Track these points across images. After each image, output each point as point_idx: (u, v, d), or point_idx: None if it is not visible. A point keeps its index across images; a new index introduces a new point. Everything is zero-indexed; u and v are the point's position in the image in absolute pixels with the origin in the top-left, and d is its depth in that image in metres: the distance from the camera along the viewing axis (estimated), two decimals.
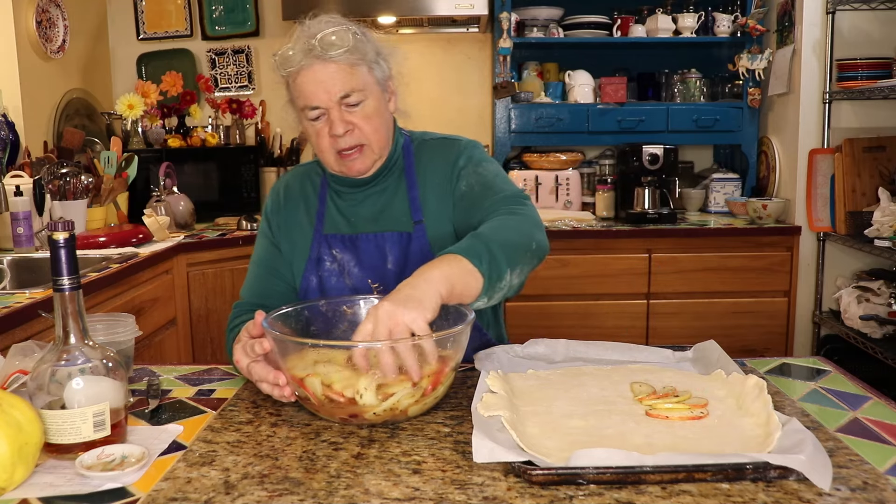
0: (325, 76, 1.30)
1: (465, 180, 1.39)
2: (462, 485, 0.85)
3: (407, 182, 1.43)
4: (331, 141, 1.35)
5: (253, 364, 1.13)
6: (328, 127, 1.33)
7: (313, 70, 1.30)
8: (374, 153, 1.38)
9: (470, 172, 1.40)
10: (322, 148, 1.37)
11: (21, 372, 1.12)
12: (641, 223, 3.05)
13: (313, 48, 1.29)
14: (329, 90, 1.31)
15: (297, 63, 1.30)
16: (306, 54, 1.29)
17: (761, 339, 2.98)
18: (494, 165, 1.43)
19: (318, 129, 1.35)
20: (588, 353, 1.29)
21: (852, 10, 2.83)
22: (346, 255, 1.42)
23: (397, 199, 1.43)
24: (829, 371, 1.25)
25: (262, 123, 3.58)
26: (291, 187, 1.52)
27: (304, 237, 1.45)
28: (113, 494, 0.86)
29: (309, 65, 1.30)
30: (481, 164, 1.41)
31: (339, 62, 1.30)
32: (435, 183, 1.42)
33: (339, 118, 1.32)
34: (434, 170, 1.43)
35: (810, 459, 0.83)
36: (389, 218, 1.42)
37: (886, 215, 2.61)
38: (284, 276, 1.47)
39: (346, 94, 1.31)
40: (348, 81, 1.31)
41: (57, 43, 3.15)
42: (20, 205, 2.41)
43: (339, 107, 1.32)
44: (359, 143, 1.35)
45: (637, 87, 3.48)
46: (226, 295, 2.86)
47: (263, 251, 1.50)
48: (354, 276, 1.41)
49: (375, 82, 1.35)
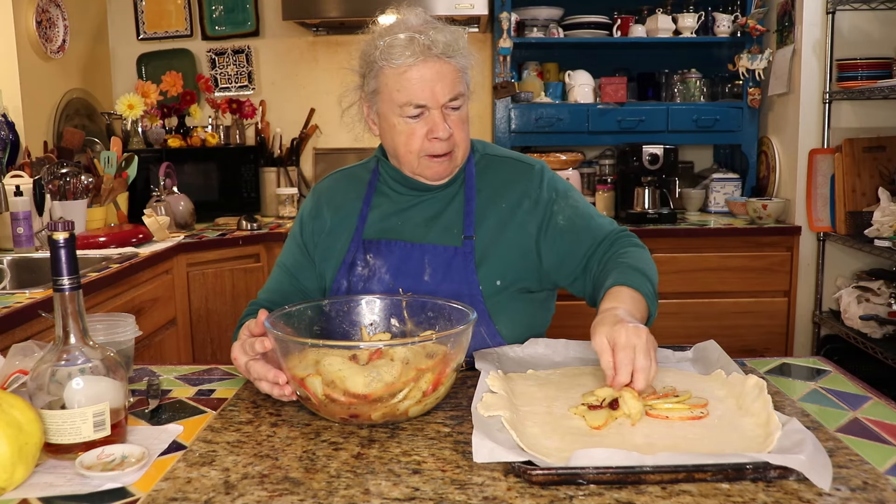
0: (438, 76, 1.28)
1: (561, 214, 1.39)
2: (462, 485, 0.85)
3: (466, 195, 1.41)
4: (424, 142, 1.32)
5: (252, 362, 1.12)
6: (427, 127, 1.31)
7: (428, 67, 1.28)
8: (459, 161, 1.37)
9: (564, 206, 1.40)
10: (411, 147, 1.33)
11: (21, 372, 1.12)
12: (641, 223, 3.05)
13: (432, 45, 1.26)
14: (440, 91, 1.29)
15: (409, 57, 1.27)
16: (422, 50, 1.27)
17: (761, 339, 2.97)
18: (578, 193, 1.46)
19: (412, 128, 1.32)
20: (588, 353, 1.29)
21: (852, 10, 2.83)
22: (378, 260, 1.39)
23: (451, 209, 1.40)
24: (829, 371, 1.25)
25: (262, 123, 3.59)
26: (334, 190, 1.49)
27: (342, 242, 1.43)
28: (113, 494, 0.86)
29: (423, 61, 1.27)
30: (569, 196, 1.42)
31: (453, 64, 1.29)
32: (500, 204, 1.39)
33: (443, 121, 1.30)
34: (502, 191, 1.40)
35: (810, 459, 0.83)
36: (439, 228, 1.39)
37: (886, 215, 2.61)
38: (304, 282, 1.45)
39: (454, 97, 1.30)
40: (457, 85, 1.30)
41: (57, 43, 3.15)
42: (20, 205, 2.41)
43: (442, 110, 1.30)
44: (450, 149, 1.34)
45: (637, 87, 3.48)
46: (226, 295, 2.86)
47: (289, 254, 1.48)
48: (385, 283, 1.38)
49: (467, 89, 1.35)
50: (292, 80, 3.69)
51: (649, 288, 1.26)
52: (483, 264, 1.36)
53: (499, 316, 1.36)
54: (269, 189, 3.47)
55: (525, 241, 1.38)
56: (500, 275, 1.36)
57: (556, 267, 1.39)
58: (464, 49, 1.32)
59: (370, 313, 1.25)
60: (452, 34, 1.30)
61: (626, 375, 1.02)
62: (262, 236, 2.97)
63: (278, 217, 3.37)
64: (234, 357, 1.16)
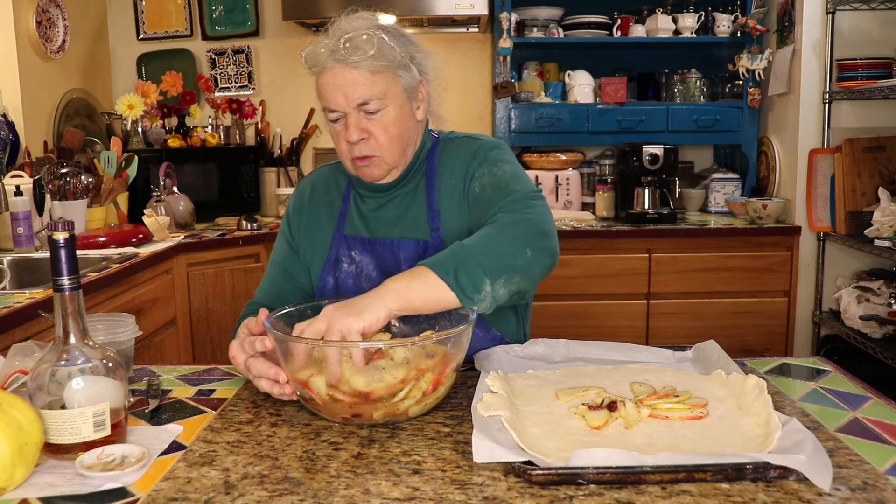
0: (345, 81, 1.28)
1: (478, 181, 1.36)
2: (462, 485, 0.85)
3: (427, 187, 1.41)
4: (346, 146, 1.34)
5: (251, 360, 1.12)
6: (345, 131, 1.32)
7: (334, 73, 1.29)
8: (387, 164, 1.36)
9: (484, 173, 1.35)
10: (340, 151, 1.36)
11: (21, 372, 1.12)
12: (641, 223, 3.05)
13: (337, 50, 1.27)
14: (348, 95, 1.29)
15: (321, 63, 1.29)
16: (330, 55, 1.28)
17: (761, 339, 2.97)
18: (511, 165, 1.37)
19: (337, 132, 1.34)
20: (588, 353, 1.29)
21: (852, 10, 2.83)
22: (364, 257, 1.41)
23: (416, 204, 1.41)
24: (829, 371, 1.25)
25: (262, 123, 3.59)
26: (316, 186, 1.51)
27: (325, 237, 1.44)
28: (113, 494, 0.85)
29: (331, 67, 1.28)
30: (496, 164, 1.36)
31: (361, 68, 1.28)
32: (451, 185, 1.40)
33: (354, 125, 1.31)
34: (450, 171, 1.41)
35: (810, 459, 0.83)
36: (407, 224, 1.40)
37: (886, 215, 2.61)
38: (298, 278, 1.46)
39: (365, 101, 1.29)
40: (368, 88, 1.29)
41: (57, 43, 3.15)
42: (20, 205, 2.41)
43: (357, 112, 1.30)
44: (372, 153, 1.33)
45: (637, 87, 3.48)
46: (226, 295, 2.86)
47: (280, 252, 1.49)
48: (373, 280, 1.38)
49: (401, 90, 1.32)
50: (292, 80, 3.69)
51: (453, 261, 1.10)
52: None
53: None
54: (269, 189, 3.47)
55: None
56: None
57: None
58: (388, 51, 1.28)
59: None
60: (370, 37, 1.27)
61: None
62: (262, 236, 2.97)
63: (278, 217, 3.37)
64: (233, 355, 1.16)
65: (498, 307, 1.15)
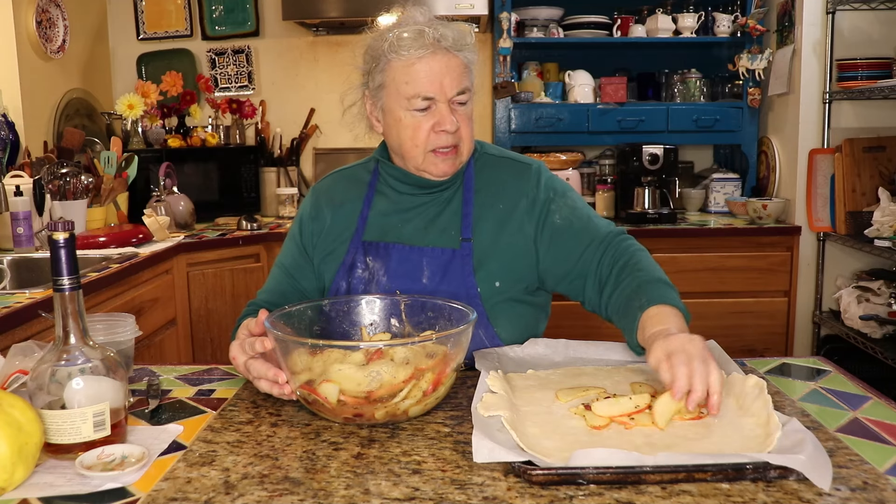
0: (446, 69, 1.28)
1: (558, 213, 1.38)
2: (462, 485, 0.85)
3: (464, 196, 1.40)
4: (431, 135, 1.32)
5: (251, 360, 1.12)
6: (433, 120, 1.30)
7: (437, 59, 1.28)
8: (464, 156, 1.36)
9: (561, 206, 1.39)
10: (417, 141, 1.33)
11: (21, 372, 1.12)
12: (641, 223, 3.05)
13: (441, 38, 1.27)
14: (448, 84, 1.29)
15: (418, 49, 1.27)
16: (432, 43, 1.27)
17: (761, 339, 2.97)
18: (576, 193, 1.44)
19: (418, 121, 1.31)
20: (588, 353, 1.29)
21: (852, 10, 2.83)
22: (377, 263, 1.38)
23: (449, 210, 1.40)
24: (829, 371, 1.25)
25: (262, 123, 3.59)
26: (334, 190, 1.48)
27: (342, 242, 1.42)
28: (113, 494, 0.86)
29: (432, 53, 1.28)
30: (568, 196, 1.41)
31: (461, 58, 1.29)
32: (498, 205, 1.39)
33: (450, 114, 1.30)
34: (500, 192, 1.40)
35: (810, 459, 0.83)
36: (436, 230, 1.39)
37: (886, 215, 2.61)
38: (302, 282, 1.45)
39: (461, 91, 1.30)
40: (465, 79, 1.30)
41: (57, 43, 3.15)
42: (20, 205, 2.41)
43: (449, 103, 1.30)
44: (456, 143, 1.33)
45: (637, 87, 3.48)
46: (226, 295, 2.86)
47: (288, 255, 1.48)
48: (382, 285, 1.37)
49: (473, 87, 1.35)
50: (292, 80, 3.69)
51: (677, 298, 1.24)
52: (481, 266, 1.35)
53: (497, 318, 1.35)
54: (269, 189, 3.47)
55: (523, 243, 1.38)
56: (498, 277, 1.36)
57: (553, 267, 1.38)
58: (471, 45, 1.33)
59: (370, 313, 1.25)
60: (460, 29, 1.30)
61: (685, 381, 0.97)
62: (262, 236, 2.97)
63: (278, 217, 3.37)
64: (233, 356, 1.16)
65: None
